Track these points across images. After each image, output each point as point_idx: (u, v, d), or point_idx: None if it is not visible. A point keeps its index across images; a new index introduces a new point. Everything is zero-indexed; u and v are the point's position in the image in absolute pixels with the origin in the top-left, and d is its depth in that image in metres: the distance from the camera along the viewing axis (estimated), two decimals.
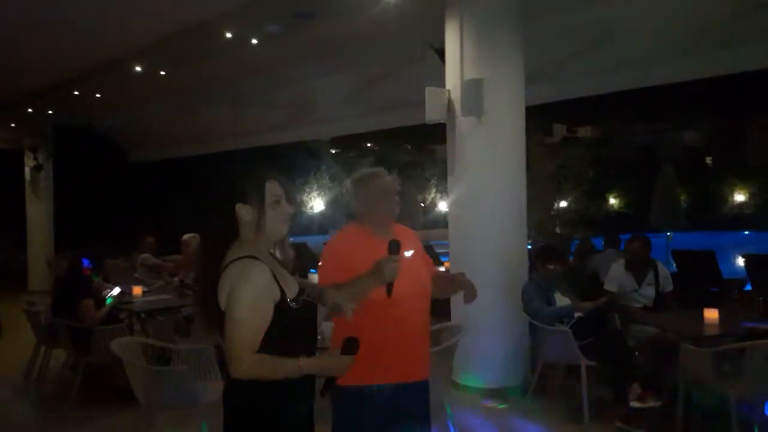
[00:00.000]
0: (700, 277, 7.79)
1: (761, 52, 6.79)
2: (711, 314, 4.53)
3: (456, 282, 2.56)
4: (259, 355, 1.83)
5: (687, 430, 4.20)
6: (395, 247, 2.16)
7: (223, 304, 1.86)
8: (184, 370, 3.95)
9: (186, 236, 7.14)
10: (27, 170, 13.41)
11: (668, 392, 4.49)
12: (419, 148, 31.42)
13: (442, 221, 22.64)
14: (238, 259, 1.88)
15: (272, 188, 1.97)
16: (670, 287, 5.39)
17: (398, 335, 2.34)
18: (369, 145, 31.52)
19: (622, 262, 5.44)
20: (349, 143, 29.31)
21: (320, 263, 2.53)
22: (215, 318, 1.89)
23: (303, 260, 8.58)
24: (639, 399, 4.50)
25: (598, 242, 8.45)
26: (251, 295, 1.83)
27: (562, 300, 5.06)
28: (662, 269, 5.47)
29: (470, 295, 2.52)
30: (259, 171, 1.99)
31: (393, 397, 2.31)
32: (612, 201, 33.45)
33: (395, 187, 2.47)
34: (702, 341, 4.20)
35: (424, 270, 2.52)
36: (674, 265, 8.63)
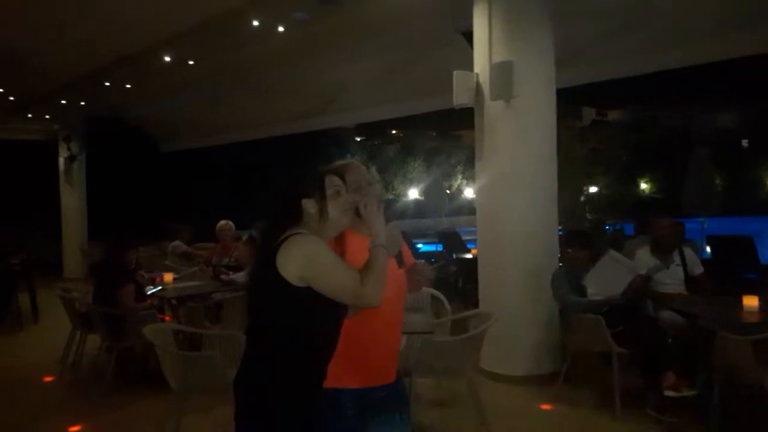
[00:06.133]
0: (737, 264, 7.60)
1: None
2: (750, 301, 4.40)
3: (413, 271, 2.42)
4: (367, 282, 1.96)
5: (723, 421, 4.10)
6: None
7: (288, 274, 1.95)
8: (215, 355, 3.99)
9: (221, 223, 7.20)
10: (61, 161, 13.69)
11: (704, 381, 4.40)
12: (445, 134, 31.25)
13: (467, 208, 22.54)
14: (298, 233, 2.01)
15: (331, 181, 2.15)
16: (699, 269, 5.30)
17: (376, 339, 2.26)
18: (394, 132, 31.47)
19: (647, 247, 5.36)
20: (374, 130, 29.31)
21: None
22: (273, 286, 1.97)
23: None
24: (673, 388, 4.40)
25: (629, 228, 8.30)
26: (325, 250, 1.99)
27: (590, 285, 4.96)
28: (688, 250, 5.37)
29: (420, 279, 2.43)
30: (318, 168, 2.22)
31: (368, 399, 2.24)
32: (644, 186, 32.87)
33: (371, 178, 2.37)
34: (741, 329, 4.09)
35: (402, 274, 2.37)
36: (709, 250, 8.44)
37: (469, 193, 28.37)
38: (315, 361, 2.04)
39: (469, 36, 5.77)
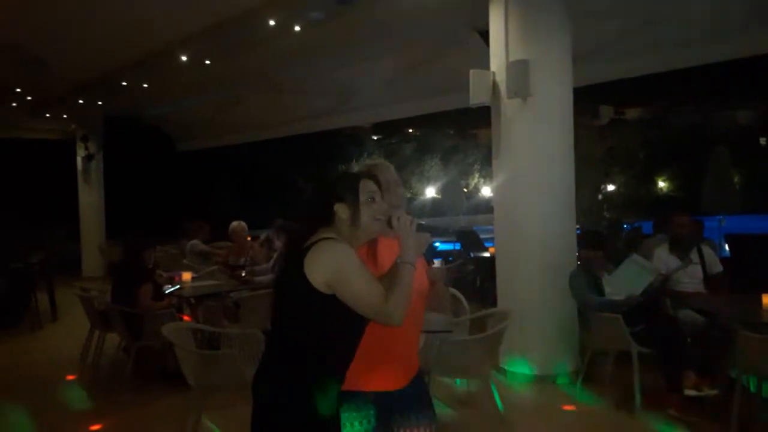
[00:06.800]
0: (756, 262, 7.50)
1: None
2: None
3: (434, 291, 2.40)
4: (391, 300, 1.94)
5: (744, 420, 4.06)
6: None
7: (314, 280, 1.94)
8: (233, 354, 4.01)
9: (233, 224, 7.24)
10: (79, 160, 13.82)
11: (725, 380, 4.35)
12: (461, 133, 31.11)
13: (484, 206, 22.47)
14: (327, 239, 1.99)
15: (367, 186, 2.10)
16: (718, 268, 5.25)
17: (398, 342, 2.24)
18: (410, 130, 31.40)
19: (666, 246, 5.32)
20: (391, 129, 29.27)
21: None
22: (298, 289, 1.97)
23: None
24: (694, 387, 4.36)
25: (647, 226, 8.23)
26: (356, 262, 1.96)
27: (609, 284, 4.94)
28: (707, 249, 5.33)
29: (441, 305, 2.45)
30: (354, 171, 2.19)
31: (390, 401, 2.24)
32: (661, 184, 32.58)
33: (398, 179, 2.36)
34: (761, 327, 4.05)
35: (424, 275, 2.35)
36: (727, 249, 8.35)
37: (486, 191, 28.26)
38: (334, 366, 2.04)
39: (485, 34, 5.75)
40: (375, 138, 30.66)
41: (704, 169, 10.45)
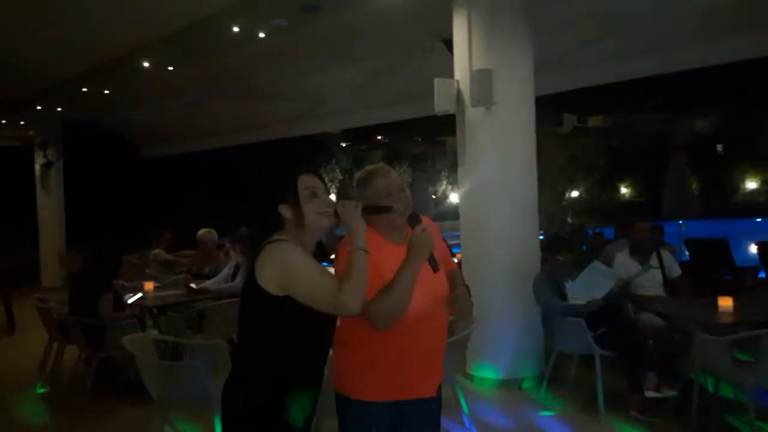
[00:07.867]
0: (713, 265, 7.72)
1: None
2: (725, 302, 4.48)
3: (453, 297, 2.29)
4: (345, 289, 1.89)
5: (703, 419, 4.17)
6: (416, 219, 2.07)
7: (266, 284, 1.92)
8: (197, 365, 3.95)
9: (202, 231, 7.10)
10: (37, 167, 13.47)
11: (684, 381, 4.46)
12: (430, 140, 31.30)
13: (452, 213, 22.63)
14: (272, 241, 1.98)
15: (305, 181, 2.06)
16: (677, 272, 5.38)
17: (410, 351, 2.17)
18: (379, 137, 31.49)
19: (626, 251, 5.44)
20: (359, 136, 29.31)
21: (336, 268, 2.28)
22: (253, 295, 1.96)
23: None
24: (654, 388, 4.48)
25: (609, 231, 8.39)
26: (301, 258, 1.94)
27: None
28: (666, 253, 5.46)
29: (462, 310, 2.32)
30: (291, 168, 2.19)
31: (398, 413, 2.21)
32: (624, 190, 33.31)
33: (401, 183, 2.26)
34: (717, 329, 4.16)
35: (443, 278, 2.25)
36: (687, 253, 8.56)
37: (453, 198, 28.48)
38: (301, 369, 2.02)
39: (449, 43, 5.81)
40: (344, 145, 30.67)
41: (665, 176, 10.68)
